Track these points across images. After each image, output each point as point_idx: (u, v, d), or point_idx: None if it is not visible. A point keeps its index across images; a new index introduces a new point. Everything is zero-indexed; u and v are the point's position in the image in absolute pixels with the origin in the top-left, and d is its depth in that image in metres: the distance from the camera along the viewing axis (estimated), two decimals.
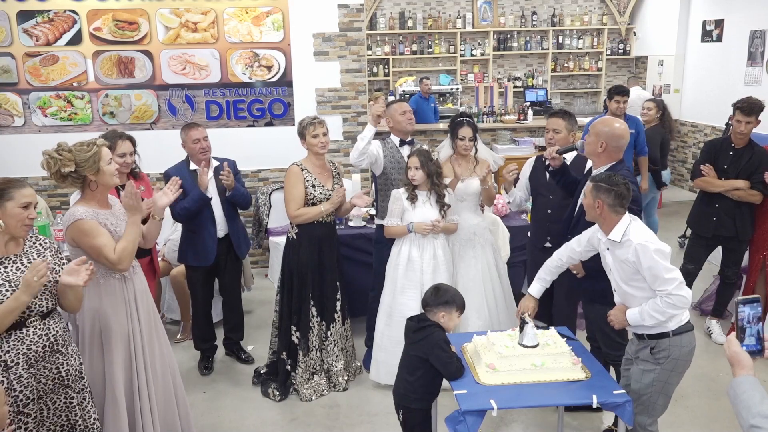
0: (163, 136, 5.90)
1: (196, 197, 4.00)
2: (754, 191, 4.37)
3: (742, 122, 4.33)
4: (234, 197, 4.18)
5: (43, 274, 2.42)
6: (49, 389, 2.61)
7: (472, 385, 2.75)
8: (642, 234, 2.79)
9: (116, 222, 2.99)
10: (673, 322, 2.79)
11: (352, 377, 4.22)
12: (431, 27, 10.16)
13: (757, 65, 7.44)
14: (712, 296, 5.01)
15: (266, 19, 5.89)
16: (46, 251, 2.67)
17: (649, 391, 2.86)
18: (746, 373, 1.89)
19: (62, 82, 5.85)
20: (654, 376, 2.84)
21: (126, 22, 5.79)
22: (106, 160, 2.87)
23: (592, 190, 2.85)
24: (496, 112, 8.49)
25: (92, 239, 2.82)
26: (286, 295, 4.03)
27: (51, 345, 2.60)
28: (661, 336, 2.82)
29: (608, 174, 2.95)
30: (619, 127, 3.27)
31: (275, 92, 6.05)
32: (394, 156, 4.18)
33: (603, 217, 2.84)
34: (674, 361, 2.83)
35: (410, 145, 4.20)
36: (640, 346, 2.91)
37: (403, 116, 4.18)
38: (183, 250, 4.23)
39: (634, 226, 2.83)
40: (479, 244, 4.08)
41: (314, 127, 3.90)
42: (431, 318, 2.95)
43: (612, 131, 3.23)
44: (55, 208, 5.79)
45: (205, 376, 4.33)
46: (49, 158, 2.81)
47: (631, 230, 2.80)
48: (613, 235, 2.83)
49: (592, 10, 10.49)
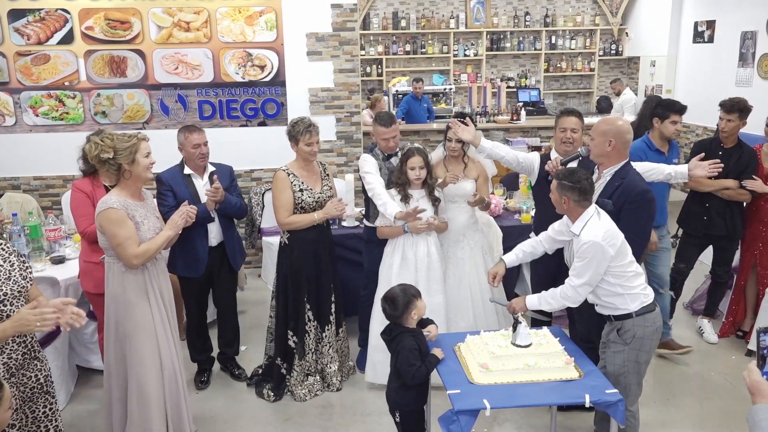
0: (155, 136, 5.72)
1: (200, 216, 3.71)
2: (743, 190, 4.40)
3: (723, 120, 4.36)
4: (224, 209, 3.95)
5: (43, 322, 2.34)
6: (28, 397, 2.60)
7: (466, 384, 2.76)
8: (594, 231, 2.87)
9: (145, 214, 3.11)
10: (635, 303, 2.94)
11: (345, 377, 4.21)
12: (424, 27, 10.18)
13: (749, 66, 7.49)
14: (704, 295, 5.04)
15: (259, 18, 5.88)
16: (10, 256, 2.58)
17: (623, 371, 2.98)
18: (767, 401, 1.88)
19: (54, 81, 5.82)
20: (624, 357, 2.98)
21: (118, 21, 5.76)
22: (143, 152, 3.02)
23: (558, 188, 2.98)
24: (489, 112, 8.53)
25: (117, 229, 2.95)
26: (281, 300, 3.97)
27: (29, 352, 2.59)
28: (625, 317, 2.97)
29: (570, 169, 3.05)
30: (623, 124, 3.27)
31: (268, 92, 6.04)
32: (383, 164, 4.11)
33: (569, 211, 2.99)
34: (640, 340, 2.96)
35: (396, 156, 4.10)
36: (609, 329, 3.05)
37: (385, 143, 4.05)
38: (173, 259, 3.98)
39: (593, 221, 2.91)
40: (468, 245, 4.07)
41: (309, 135, 3.79)
42: (404, 324, 3.02)
43: (617, 128, 3.21)
44: (46, 208, 5.76)
45: (202, 390, 4.18)
46: (92, 143, 3.00)
47: (590, 224, 2.91)
48: (575, 227, 2.97)
49: (584, 11, 10.53)
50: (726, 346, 4.66)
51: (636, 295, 2.95)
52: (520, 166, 3.87)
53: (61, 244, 4.38)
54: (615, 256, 2.87)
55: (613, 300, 2.96)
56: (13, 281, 2.50)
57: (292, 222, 3.81)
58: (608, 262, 2.87)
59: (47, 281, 3.74)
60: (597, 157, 3.27)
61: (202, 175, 3.98)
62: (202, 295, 4.18)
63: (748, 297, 4.69)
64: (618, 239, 2.90)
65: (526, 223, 4.85)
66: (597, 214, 2.95)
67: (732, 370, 4.33)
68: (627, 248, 2.95)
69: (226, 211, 3.99)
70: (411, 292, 3.05)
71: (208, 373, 4.30)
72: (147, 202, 3.19)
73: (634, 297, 2.95)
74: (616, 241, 2.89)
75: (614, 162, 3.24)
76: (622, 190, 3.16)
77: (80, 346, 4.24)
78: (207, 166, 4.01)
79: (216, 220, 4.00)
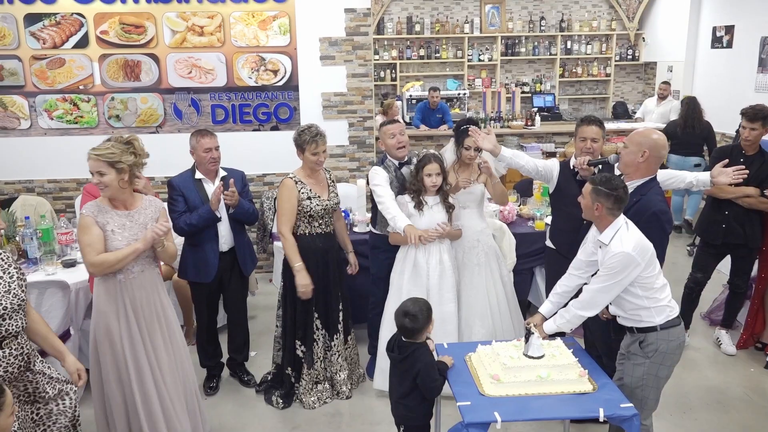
0: (168, 139, 5.89)
1: (205, 216, 3.79)
2: (765, 199, 4.31)
3: (746, 128, 4.29)
4: (237, 215, 3.94)
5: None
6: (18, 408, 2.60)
7: (476, 396, 2.70)
8: (627, 242, 2.80)
9: (125, 224, 3.00)
10: (661, 316, 2.87)
11: (355, 385, 4.17)
12: (439, 32, 10.13)
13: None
14: (721, 306, 4.94)
15: (273, 23, 5.87)
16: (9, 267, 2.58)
17: (641, 384, 2.92)
18: None
19: (68, 85, 5.85)
20: (644, 370, 2.90)
21: (132, 25, 5.78)
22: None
23: (592, 193, 2.87)
24: (504, 117, 8.45)
25: (81, 235, 2.95)
26: (289, 309, 3.93)
27: (26, 363, 2.59)
28: (648, 330, 2.89)
29: (607, 176, 2.93)
30: (660, 138, 3.19)
31: (281, 96, 6.03)
32: (395, 175, 4.03)
33: (600, 218, 2.88)
34: (662, 354, 2.89)
35: (408, 165, 4.04)
36: (631, 340, 2.96)
37: (393, 140, 3.96)
38: (183, 264, 3.99)
39: (623, 231, 2.84)
40: (483, 251, 4.01)
41: (316, 145, 3.75)
42: (417, 340, 2.95)
43: (654, 141, 3.13)
44: (60, 211, 5.79)
45: (210, 396, 4.16)
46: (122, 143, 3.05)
47: (620, 235, 2.82)
48: (603, 236, 2.86)
49: (600, 16, 10.43)
50: (744, 358, 4.56)
51: (662, 307, 2.88)
52: (539, 175, 3.82)
53: (73, 247, 4.38)
54: (645, 266, 2.80)
55: (639, 312, 2.88)
56: (12, 294, 2.49)
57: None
58: (636, 273, 2.79)
59: (57, 285, 3.75)
60: (626, 166, 3.17)
61: (213, 180, 3.96)
62: (213, 300, 4.15)
63: (767, 308, 4.59)
64: (648, 252, 2.82)
65: (540, 230, 4.78)
66: (626, 224, 2.86)
67: (751, 383, 4.23)
68: (656, 259, 2.87)
69: (239, 216, 3.97)
70: (429, 307, 3.00)
71: (217, 378, 4.28)
72: (138, 211, 3.08)
73: (660, 310, 2.87)
74: (646, 254, 2.81)
75: (641, 175, 3.17)
76: (638, 208, 3.10)
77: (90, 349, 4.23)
78: (218, 170, 3.99)
79: (227, 225, 3.98)
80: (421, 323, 2.92)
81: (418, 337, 2.95)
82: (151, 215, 3.11)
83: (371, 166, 4.73)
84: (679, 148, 7.20)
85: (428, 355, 2.92)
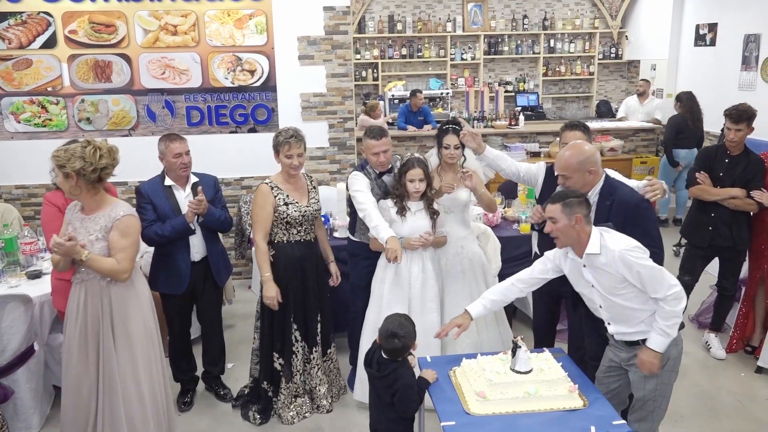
0: (141, 143, 5.67)
1: (179, 228, 3.61)
2: (751, 200, 4.23)
3: (731, 130, 4.21)
4: (207, 223, 3.75)
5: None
6: None
7: (461, 415, 2.56)
8: (618, 241, 2.69)
9: (78, 228, 2.96)
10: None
11: (336, 398, 4.01)
12: (421, 30, 9.99)
13: (752, 70, 7.31)
14: (710, 308, 4.85)
15: (249, 21, 5.69)
16: None
17: (653, 395, 2.82)
18: None
19: (36, 86, 5.62)
20: (657, 381, 2.80)
21: (103, 24, 5.57)
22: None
23: (565, 209, 2.70)
24: (487, 117, 8.32)
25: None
26: (266, 320, 3.75)
27: None
28: None
29: (563, 190, 2.86)
30: (588, 146, 3.11)
31: (259, 97, 5.85)
32: (376, 183, 3.85)
33: (580, 233, 2.72)
34: (673, 360, 2.81)
35: (389, 173, 3.87)
36: (636, 352, 2.80)
37: (375, 158, 3.73)
38: (154, 275, 3.80)
39: (606, 235, 2.73)
40: (467, 258, 3.87)
41: (289, 146, 3.58)
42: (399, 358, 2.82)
43: (588, 153, 3.04)
44: (28, 218, 5.58)
45: (185, 412, 3.97)
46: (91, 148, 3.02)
47: (606, 239, 2.71)
48: (590, 248, 2.71)
49: (583, 14, 10.36)
50: (734, 362, 4.47)
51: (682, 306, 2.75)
52: (521, 179, 3.69)
53: (39, 257, 4.18)
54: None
55: (645, 322, 2.75)
56: None
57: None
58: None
59: (19, 299, 3.53)
60: (582, 188, 3.04)
61: (184, 187, 3.78)
62: (185, 312, 3.96)
63: (757, 311, 4.51)
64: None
65: (525, 233, 4.65)
66: (600, 231, 2.77)
67: (741, 389, 4.14)
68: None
69: (210, 224, 3.78)
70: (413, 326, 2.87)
71: (191, 393, 4.10)
72: (92, 219, 2.97)
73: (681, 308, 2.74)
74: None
75: (596, 182, 3.09)
76: (617, 208, 3.02)
77: (56, 364, 4.02)
78: (189, 176, 3.80)
79: (199, 234, 3.79)
80: (408, 342, 2.79)
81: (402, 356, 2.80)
82: (103, 224, 2.96)
83: (352, 169, 4.58)
84: (689, 142, 7.17)
85: (409, 375, 2.77)
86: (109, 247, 2.94)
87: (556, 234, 2.76)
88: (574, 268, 2.86)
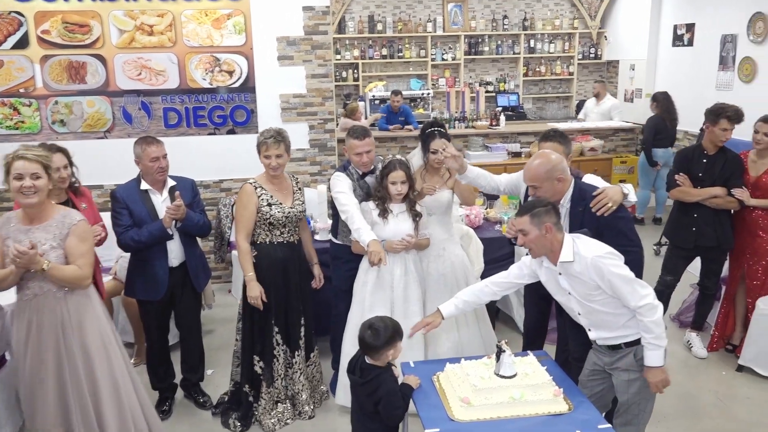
0: (117, 145, 5.56)
1: (157, 234, 3.52)
2: (731, 198, 4.25)
3: (729, 130, 4.22)
4: (185, 227, 3.66)
5: None
6: None
7: (446, 422, 2.51)
8: (590, 247, 2.68)
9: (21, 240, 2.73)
10: None
11: (318, 404, 3.95)
12: (401, 31, 9.96)
13: (729, 70, 7.38)
14: (691, 307, 4.87)
15: (227, 21, 5.60)
16: None
17: (638, 399, 2.80)
18: None
19: (8, 88, 5.47)
20: (640, 384, 2.77)
21: (76, 24, 5.44)
22: (13, 174, 2.74)
23: (533, 219, 2.68)
24: (468, 117, 8.31)
25: None
26: (248, 323, 3.68)
27: None
28: (639, 342, 2.73)
29: (529, 202, 2.86)
30: (554, 154, 3.09)
31: (237, 98, 5.76)
32: (358, 183, 3.81)
33: (553, 241, 2.70)
34: None
35: (372, 174, 3.82)
36: (618, 356, 2.80)
37: (358, 158, 3.69)
38: (130, 281, 3.72)
39: (579, 241, 2.72)
40: (449, 260, 3.83)
41: (266, 147, 3.52)
42: (377, 362, 2.75)
43: (555, 161, 3.02)
44: None
45: (163, 421, 3.82)
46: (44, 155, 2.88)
47: (579, 246, 2.69)
48: (564, 256, 2.69)
49: (563, 15, 10.40)
50: (715, 360, 4.49)
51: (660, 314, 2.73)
52: (501, 192, 3.72)
53: None
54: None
55: (626, 325, 2.74)
56: None
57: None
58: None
59: None
60: (553, 197, 3.03)
61: (161, 191, 3.69)
62: (163, 318, 3.87)
63: (738, 309, 4.53)
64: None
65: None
66: (572, 237, 2.76)
67: (723, 388, 4.16)
68: None
69: (188, 229, 3.69)
70: (398, 327, 2.80)
71: (170, 401, 4.00)
72: (42, 228, 2.79)
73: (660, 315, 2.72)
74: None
75: (565, 189, 3.09)
76: (590, 212, 3.03)
77: None
78: (166, 180, 3.72)
79: (177, 239, 3.71)
80: (382, 341, 2.71)
81: (378, 357, 2.75)
82: (56, 232, 2.81)
83: (333, 170, 4.51)
84: (667, 142, 7.25)
85: (392, 381, 2.72)
86: (67, 254, 2.80)
87: (529, 245, 2.75)
88: (550, 276, 2.85)
